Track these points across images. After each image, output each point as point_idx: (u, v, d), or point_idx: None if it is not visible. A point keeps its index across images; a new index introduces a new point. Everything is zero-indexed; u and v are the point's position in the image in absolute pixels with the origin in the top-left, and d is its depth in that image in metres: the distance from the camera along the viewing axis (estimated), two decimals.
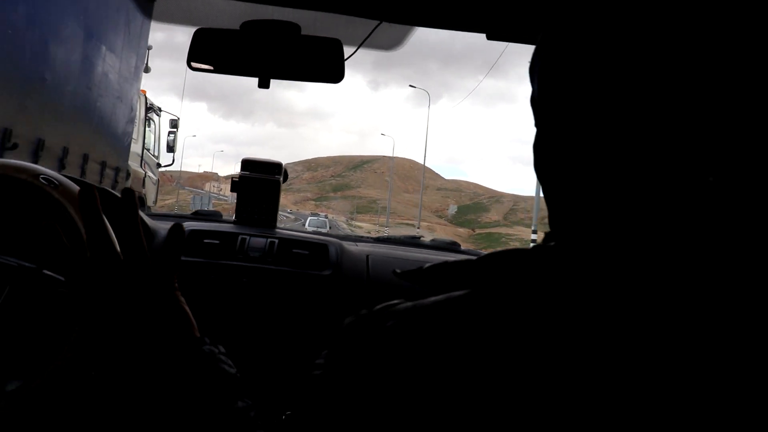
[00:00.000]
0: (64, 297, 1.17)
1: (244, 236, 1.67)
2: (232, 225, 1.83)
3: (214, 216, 3.70)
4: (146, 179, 9.00)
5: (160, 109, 9.94)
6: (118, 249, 0.93)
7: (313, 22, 1.51)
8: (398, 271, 0.58)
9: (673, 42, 0.45)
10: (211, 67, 1.53)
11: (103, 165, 5.71)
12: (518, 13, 1.30)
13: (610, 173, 0.47)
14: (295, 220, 60.34)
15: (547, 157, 0.55)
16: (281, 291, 1.57)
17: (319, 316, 1.57)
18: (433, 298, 0.50)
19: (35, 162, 3.76)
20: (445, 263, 0.55)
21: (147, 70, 7.68)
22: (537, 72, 0.55)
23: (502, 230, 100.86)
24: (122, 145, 6.62)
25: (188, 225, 1.69)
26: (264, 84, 1.50)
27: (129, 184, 7.15)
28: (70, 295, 0.79)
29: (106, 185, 5.80)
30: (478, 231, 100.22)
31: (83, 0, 4.78)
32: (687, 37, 0.45)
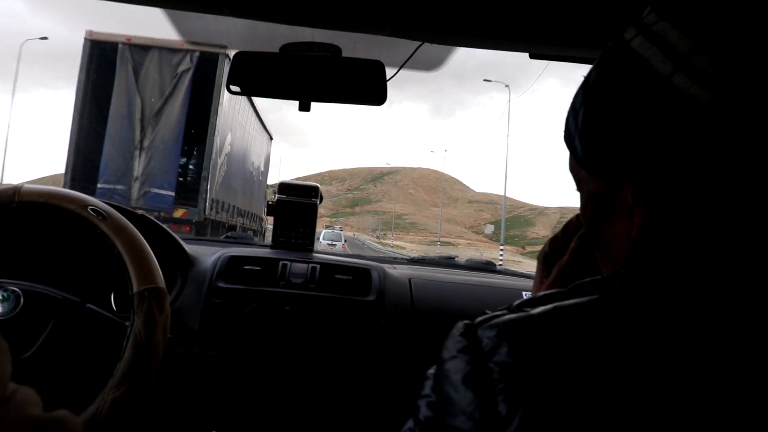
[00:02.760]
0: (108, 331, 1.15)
1: (285, 262, 1.63)
2: (269, 250, 1.80)
3: (245, 239, 3.69)
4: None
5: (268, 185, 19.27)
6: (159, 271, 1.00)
7: (354, 44, 1.48)
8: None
9: None
10: (249, 91, 1.51)
11: (258, 216, 18.20)
12: (561, 32, 1.27)
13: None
14: None
15: (608, 223, 0.59)
16: (326, 317, 1.53)
17: (365, 343, 1.53)
18: (538, 310, 0.50)
19: (242, 223, 16.01)
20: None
21: None
22: (581, 134, 0.58)
23: None
24: (262, 207, 18.01)
25: (227, 251, 1.67)
26: (304, 107, 1.48)
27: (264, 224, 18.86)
28: None
29: (257, 226, 18.40)
30: (528, 249, 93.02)
31: (263, 158, 19.01)
32: None
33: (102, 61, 10.89)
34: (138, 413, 1.32)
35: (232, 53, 1.50)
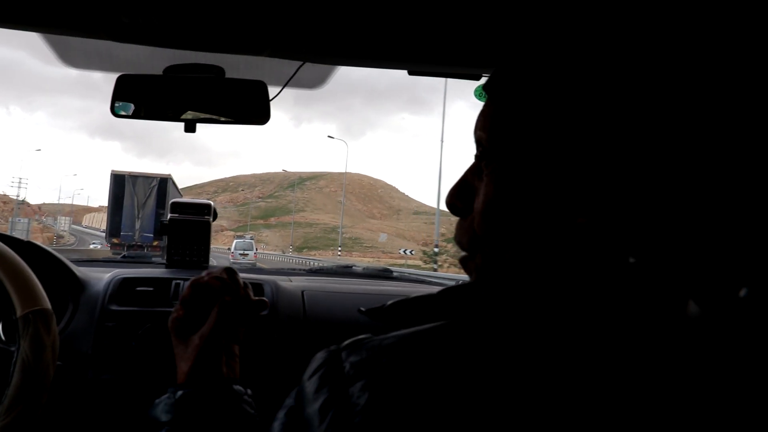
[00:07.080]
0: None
1: (177, 281, 1.64)
2: (164, 269, 1.80)
3: (142, 258, 3.62)
4: None
5: None
6: (44, 293, 1.15)
7: (237, 65, 1.52)
8: (362, 309, 0.62)
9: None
10: (134, 113, 1.52)
11: None
12: (438, 49, 1.34)
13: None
14: None
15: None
16: None
17: (258, 356, 1.56)
18: (401, 332, 0.51)
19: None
20: (408, 299, 0.59)
21: None
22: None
23: None
24: None
25: (120, 273, 1.66)
26: (190, 128, 1.50)
27: None
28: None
29: None
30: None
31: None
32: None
33: (118, 182, 26.69)
34: None
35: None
